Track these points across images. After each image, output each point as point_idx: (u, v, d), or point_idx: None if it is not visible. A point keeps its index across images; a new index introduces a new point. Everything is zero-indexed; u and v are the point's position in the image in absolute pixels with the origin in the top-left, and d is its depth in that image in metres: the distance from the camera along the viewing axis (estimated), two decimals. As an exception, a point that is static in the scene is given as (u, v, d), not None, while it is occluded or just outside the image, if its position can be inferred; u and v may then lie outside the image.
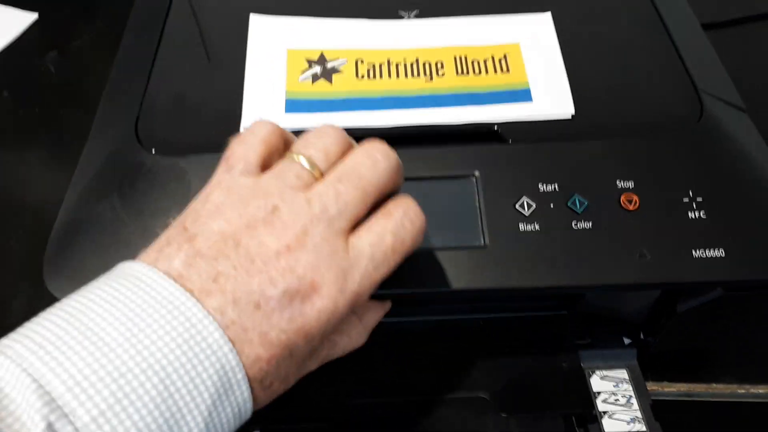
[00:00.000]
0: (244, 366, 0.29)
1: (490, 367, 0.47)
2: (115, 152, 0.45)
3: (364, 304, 0.35)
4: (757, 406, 0.50)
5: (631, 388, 0.47)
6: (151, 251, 0.32)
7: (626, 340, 0.49)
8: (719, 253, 0.39)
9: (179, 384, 0.28)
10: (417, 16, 0.50)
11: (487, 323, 0.49)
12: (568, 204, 0.41)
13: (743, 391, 0.50)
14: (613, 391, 0.47)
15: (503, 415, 0.44)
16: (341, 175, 0.33)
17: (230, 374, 0.29)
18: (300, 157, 0.34)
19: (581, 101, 0.47)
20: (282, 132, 0.36)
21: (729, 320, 0.45)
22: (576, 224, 0.40)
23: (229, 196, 0.32)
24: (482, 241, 0.40)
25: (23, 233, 0.60)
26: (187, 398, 0.28)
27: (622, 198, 0.41)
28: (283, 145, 0.36)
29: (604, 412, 0.46)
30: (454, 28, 0.51)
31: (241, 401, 0.30)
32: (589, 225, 0.40)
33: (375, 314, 0.40)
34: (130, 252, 0.40)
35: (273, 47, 0.50)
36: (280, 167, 0.34)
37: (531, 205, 0.41)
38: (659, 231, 0.40)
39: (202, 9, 0.55)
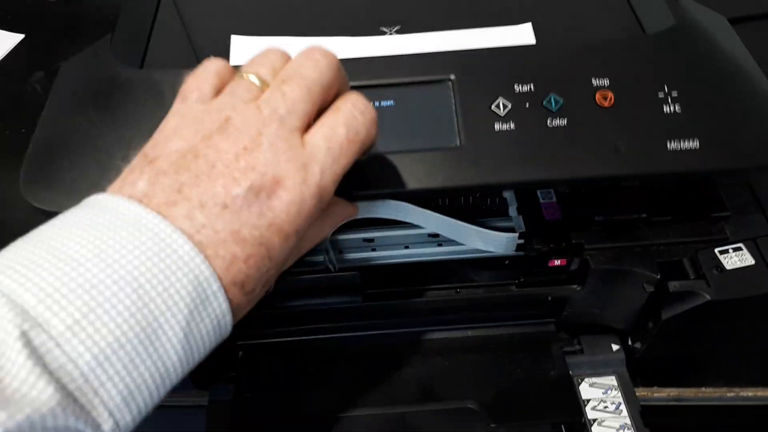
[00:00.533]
0: (219, 273, 0.30)
1: (479, 377, 0.48)
2: (89, 67, 0.45)
3: (332, 201, 0.35)
4: (745, 409, 0.50)
5: (620, 395, 0.48)
6: (116, 182, 0.32)
7: (614, 347, 0.49)
8: (694, 144, 0.39)
9: (153, 294, 0.28)
10: (398, 32, 0.48)
11: (475, 335, 0.50)
12: (544, 103, 0.41)
13: (732, 394, 0.50)
14: (602, 399, 0.47)
15: (492, 425, 0.45)
16: (285, 78, 0.33)
17: (205, 285, 0.29)
18: (248, 75, 0.34)
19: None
20: (233, 68, 0.36)
21: (715, 325, 0.45)
22: (551, 122, 0.40)
23: (184, 119, 0.33)
24: (457, 142, 0.40)
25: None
26: (163, 307, 0.28)
27: (597, 95, 0.41)
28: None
29: (594, 420, 0.46)
30: (436, 42, 0.49)
31: (219, 313, 0.30)
32: (564, 122, 0.40)
33: (343, 212, 0.40)
34: (107, 159, 0.40)
35: None
36: (230, 86, 0.34)
37: (506, 106, 0.41)
38: (634, 126, 0.40)
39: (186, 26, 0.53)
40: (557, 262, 0.45)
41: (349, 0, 0.53)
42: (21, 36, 0.83)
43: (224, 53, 0.47)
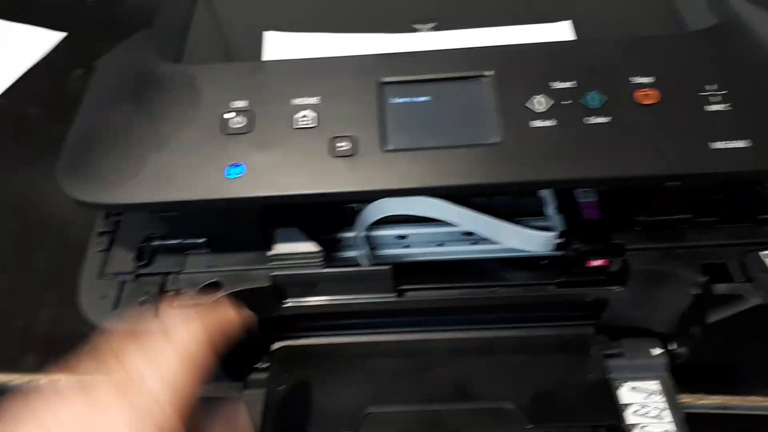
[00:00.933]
0: None
1: (517, 378, 0.47)
2: (126, 61, 0.46)
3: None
4: None
5: (663, 400, 0.46)
6: None
7: (656, 351, 0.48)
8: (741, 143, 0.38)
9: None
10: (433, 30, 0.48)
11: (511, 335, 0.49)
12: (583, 100, 0.40)
13: None
14: (643, 403, 0.46)
15: (529, 426, 0.44)
16: None
17: None
18: None
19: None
20: None
21: (762, 330, 0.43)
22: (591, 119, 0.39)
23: None
24: (496, 138, 0.39)
25: (50, 247, 0.63)
26: None
27: (640, 93, 0.40)
28: None
29: (635, 425, 0.45)
30: (472, 39, 0.48)
31: None
32: (604, 120, 0.39)
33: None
34: (142, 152, 0.40)
35: None
36: None
37: (546, 103, 0.40)
38: (678, 124, 0.38)
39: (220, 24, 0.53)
40: (596, 263, 0.44)
41: (382, -3, 0.52)
42: (63, 34, 0.85)
43: (257, 48, 0.47)
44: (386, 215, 0.46)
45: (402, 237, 0.49)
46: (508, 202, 0.47)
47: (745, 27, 0.42)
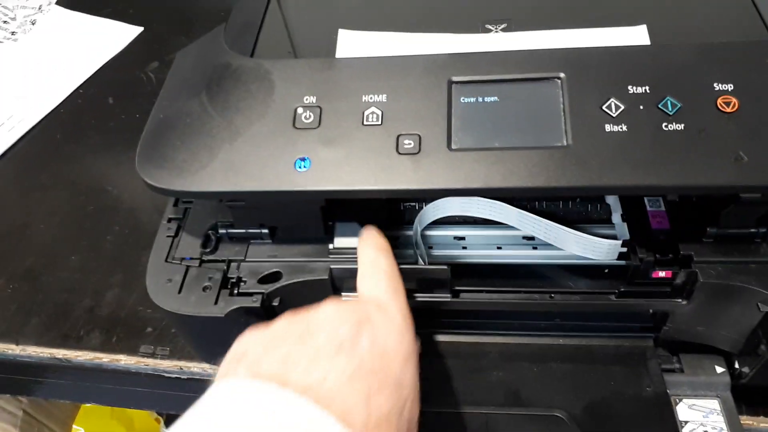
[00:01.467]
0: None
1: (568, 386, 0.46)
2: (203, 55, 0.47)
3: None
4: None
5: (722, 420, 0.44)
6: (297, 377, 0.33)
7: (719, 369, 0.46)
8: (827, 156, 0.36)
9: None
10: (504, 30, 0.47)
11: (567, 343, 0.49)
12: (659, 105, 0.39)
13: None
14: (702, 422, 0.44)
15: None
16: None
17: None
18: None
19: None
20: None
21: None
22: (667, 126, 0.38)
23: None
24: (564, 141, 0.39)
25: (118, 230, 0.66)
26: None
27: (719, 101, 0.38)
28: None
29: None
30: (544, 41, 0.46)
31: None
32: (680, 127, 0.38)
33: None
34: (216, 142, 0.42)
35: None
36: None
37: (619, 107, 0.39)
38: (759, 134, 0.37)
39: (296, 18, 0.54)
40: (661, 274, 0.43)
41: (455, -3, 0.52)
42: (140, 29, 0.89)
43: (332, 46, 0.48)
44: (446, 216, 0.46)
45: (460, 238, 0.49)
46: (573, 207, 0.46)
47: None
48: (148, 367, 0.56)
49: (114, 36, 0.88)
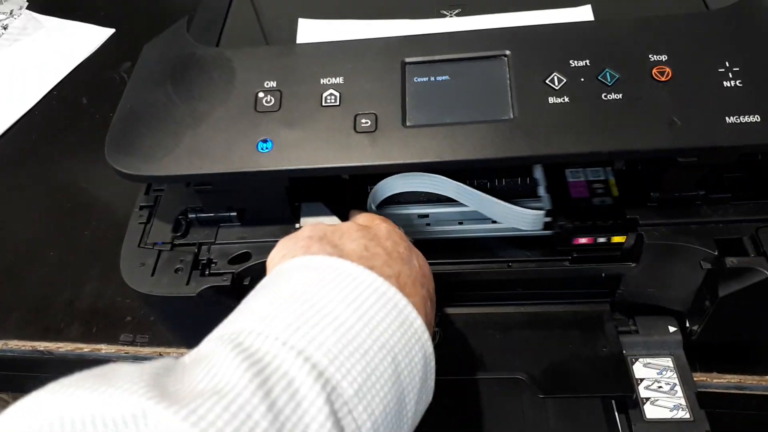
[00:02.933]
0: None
1: (531, 351, 0.48)
2: (168, 46, 0.49)
3: None
4: None
5: (675, 376, 0.47)
6: (354, 257, 0.36)
7: (671, 329, 0.49)
8: (754, 118, 0.38)
9: (402, 366, 0.30)
10: (459, 15, 0.49)
11: (527, 311, 0.51)
12: (599, 77, 0.41)
13: None
14: (656, 379, 0.47)
15: (540, 396, 0.45)
16: None
17: (429, 360, 0.32)
18: None
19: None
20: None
21: None
22: (606, 96, 0.41)
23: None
24: (511, 114, 0.41)
25: (96, 225, 0.67)
26: (407, 379, 0.31)
27: (654, 70, 0.41)
28: None
29: (647, 399, 0.46)
30: (494, 22, 0.49)
31: (431, 387, 0.33)
32: (619, 96, 0.40)
33: None
34: (181, 129, 0.43)
35: None
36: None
37: (561, 80, 0.41)
38: (692, 100, 0.40)
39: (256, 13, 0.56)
40: (583, 240, 0.45)
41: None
42: (111, 30, 0.90)
43: (293, 35, 0.50)
44: (393, 192, 0.48)
45: (424, 216, 0.51)
46: (509, 183, 0.48)
47: (761, 6, 0.42)
48: (128, 355, 0.58)
49: (86, 38, 0.89)
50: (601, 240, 0.45)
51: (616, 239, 0.45)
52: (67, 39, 0.90)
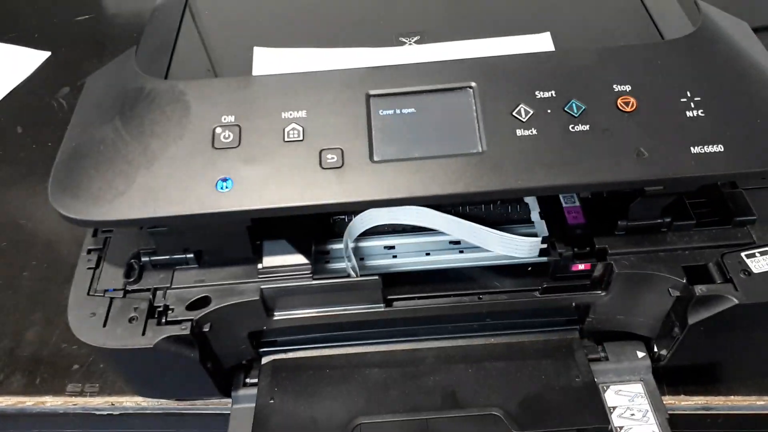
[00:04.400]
0: None
1: (503, 384, 0.48)
2: (114, 78, 0.46)
3: None
4: None
5: (646, 403, 0.47)
6: None
7: (639, 354, 0.49)
8: (718, 148, 0.39)
9: None
10: (418, 42, 0.48)
11: (498, 342, 0.50)
12: (565, 108, 0.41)
13: (762, 402, 0.49)
14: (628, 406, 0.47)
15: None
16: None
17: None
18: None
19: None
20: None
21: (742, 330, 0.44)
22: (573, 127, 0.40)
23: None
24: (479, 148, 0.40)
25: (36, 265, 0.63)
26: None
27: (619, 101, 0.41)
28: None
29: (621, 428, 0.46)
30: (455, 51, 0.48)
31: None
32: (586, 127, 0.40)
33: None
34: (133, 169, 0.41)
35: None
36: None
37: (528, 112, 0.41)
38: (657, 131, 0.40)
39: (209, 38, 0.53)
40: (581, 267, 0.45)
41: (369, 12, 0.53)
42: (47, 54, 0.86)
43: (247, 64, 0.48)
44: (375, 225, 0.47)
45: (390, 247, 0.49)
46: (496, 209, 0.48)
47: (719, 35, 0.43)
48: (77, 407, 0.54)
49: (20, 62, 0.85)
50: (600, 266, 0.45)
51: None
52: (0, 62, 0.85)
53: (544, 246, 0.45)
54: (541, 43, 0.48)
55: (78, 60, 0.85)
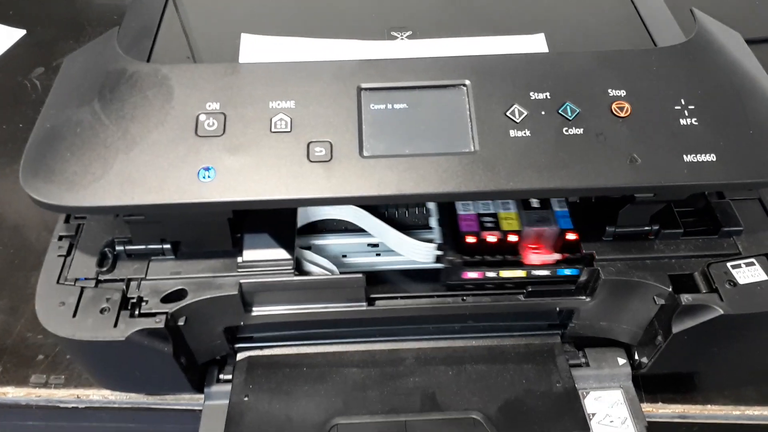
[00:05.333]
0: None
1: (484, 388, 0.47)
2: (94, 60, 0.44)
3: None
4: (752, 428, 0.50)
5: (626, 410, 0.47)
6: None
7: (620, 360, 0.49)
8: (710, 157, 0.39)
9: None
10: (409, 38, 0.47)
11: (479, 344, 0.50)
12: (560, 111, 0.40)
13: (738, 412, 0.49)
14: (607, 413, 0.47)
15: None
16: None
17: None
18: None
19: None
20: None
21: (723, 341, 0.44)
22: (567, 130, 0.40)
23: None
24: (472, 147, 0.40)
25: (1, 250, 0.60)
26: None
27: (614, 106, 0.40)
28: None
29: None
30: (448, 48, 0.47)
31: None
32: (580, 131, 0.40)
33: None
34: (111, 153, 0.39)
35: None
36: None
37: (522, 113, 0.40)
38: (650, 137, 0.39)
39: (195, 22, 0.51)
40: (471, 275, 0.45)
41: (360, 4, 0.52)
42: (22, 32, 0.82)
43: (234, 51, 0.46)
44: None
45: (373, 245, 0.48)
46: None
47: (714, 45, 0.43)
48: (40, 399, 0.51)
49: (-8, 39, 0.81)
50: (491, 275, 0.45)
51: (507, 274, 0.45)
52: (-29, 39, 0.81)
53: (440, 252, 0.45)
54: (535, 43, 0.47)
55: (54, 40, 0.82)
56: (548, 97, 0.41)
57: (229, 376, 0.49)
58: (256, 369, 0.49)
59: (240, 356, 0.49)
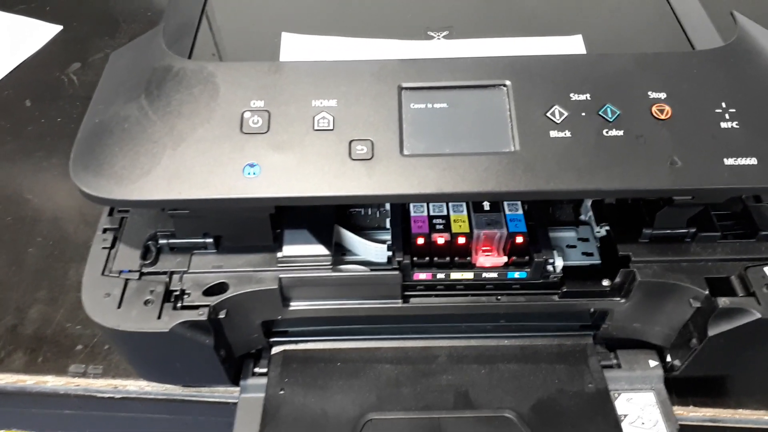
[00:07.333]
0: None
1: (516, 387, 0.47)
2: (140, 56, 0.45)
3: None
4: None
5: (657, 412, 0.47)
6: None
7: (652, 363, 0.49)
8: (752, 161, 0.39)
9: None
10: (446, 38, 0.48)
11: (512, 344, 0.50)
12: (600, 112, 0.41)
13: None
14: (639, 415, 0.47)
15: None
16: None
17: None
18: None
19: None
20: None
21: (758, 345, 0.44)
22: (607, 132, 0.40)
23: None
24: (512, 147, 0.40)
25: (42, 242, 0.62)
26: None
27: (654, 108, 0.41)
28: None
29: None
30: (486, 48, 0.47)
31: None
32: (620, 133, 0.40)
33: None
34: (159, 148, 0.40)
35: None
36: None
37: (563, 113, 0.41)
38: (691, 140, 0.39)
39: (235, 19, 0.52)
40: (422, 276, 0.45)
41: (396, 4, 0.53)
42: (59, 27, 0.84)
43: (274, 49, 0.47)
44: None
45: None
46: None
47: (755, 48, 0.43)
48: (78, 388, 0.53)
49: (31, 34, 0.83)
50: (440, 276, 0.46)
51: (456, 276, 0.46)
52: (10, 34, 0.83)
53: (390, 253, 0.45)
54: (573, 45, 0.48)
55: (89, 36, 0.83)
56: (588, 98, 0.41)
57: (265, 370, 0.49)
58: (291, 363, 0.49)
59: (275, 350, 0.50)
